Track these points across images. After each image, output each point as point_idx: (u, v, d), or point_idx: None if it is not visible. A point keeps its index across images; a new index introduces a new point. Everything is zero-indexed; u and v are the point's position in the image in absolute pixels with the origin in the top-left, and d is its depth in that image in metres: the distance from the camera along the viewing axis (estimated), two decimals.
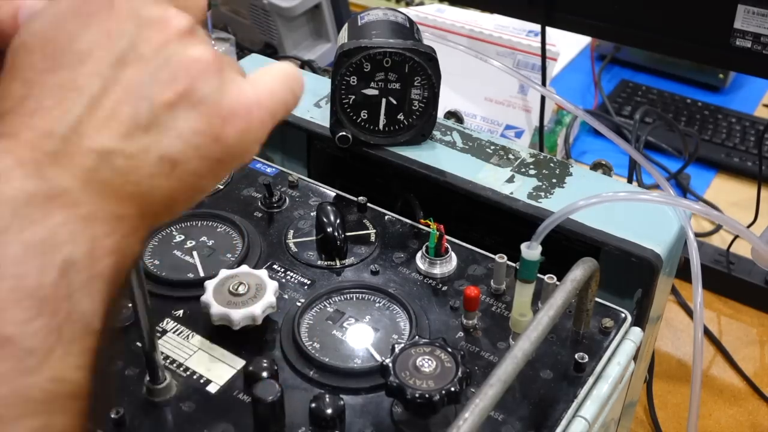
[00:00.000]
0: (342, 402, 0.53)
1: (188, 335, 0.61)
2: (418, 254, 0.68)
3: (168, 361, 0.58)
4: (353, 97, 0.75)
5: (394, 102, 0.75)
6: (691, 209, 0.62)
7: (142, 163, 0.32)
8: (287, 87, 0.38)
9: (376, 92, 0.74)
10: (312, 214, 0.72)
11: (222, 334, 0.60)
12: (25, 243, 0.29)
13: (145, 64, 0.33)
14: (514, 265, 0.63)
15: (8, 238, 0.29)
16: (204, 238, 0.69)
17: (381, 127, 0.76)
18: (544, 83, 1.08)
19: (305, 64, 1.41)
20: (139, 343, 0.54)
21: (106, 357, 0.32)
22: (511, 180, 0.73)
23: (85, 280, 0.30)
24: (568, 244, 0.68)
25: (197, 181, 0.34)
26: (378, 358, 0.58)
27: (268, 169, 0.79)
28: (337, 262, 0.68)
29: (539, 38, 1.04)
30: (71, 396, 0.30)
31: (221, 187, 0.76)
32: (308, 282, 0.66)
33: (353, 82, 0.74)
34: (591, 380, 0.58)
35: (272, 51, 1.48)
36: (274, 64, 0.39)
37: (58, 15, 0.34)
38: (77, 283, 0.30)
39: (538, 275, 0.58)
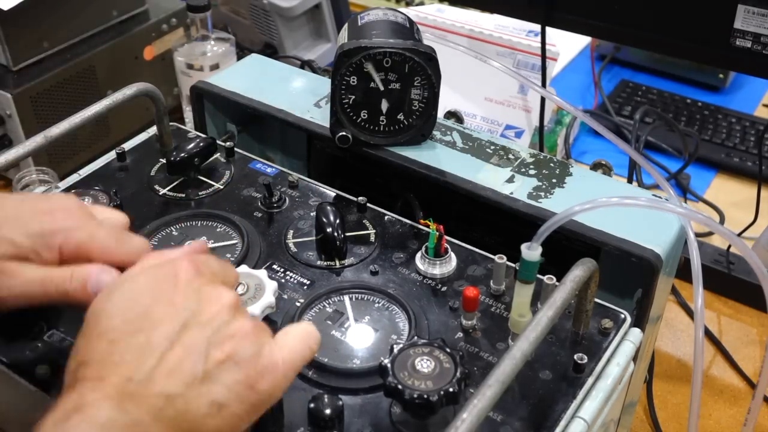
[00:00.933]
0: (341, 402, 0.53)
1: None
2: (418, 254, 0.68)
3: None
4: (353, 97, 0.75)
5: (394, 102, 0.75)
6: (677, 213, 0.62)
7: (198, 405, 0.43)
8: (306, 345, 0.49)
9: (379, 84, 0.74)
10: (312, 214, 0.72)
11: None
12: None
13: (203, 329, 0.45)
14: (513, 265, 0.63)
15: None
16: (204, 238, 0.69)
17: (381, 121, 0.76)
18: (544, 83, 1.08)
19: (305, 64, 1.41)
20: None
21: None
22: (511, 180, 0.73)
23: None
24: (568, 244, 0.68)
25: (237, 422, 0.45)
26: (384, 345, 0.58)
27: (268, 169, 0.79)
28: (337, 263, 0.68)
29: (539, 38, 1.04)
30: None
31: (221, 187, 0.76)
32: (308, 282, 0.66)
33: (353, 82, 0.74)
34: (590, 381, 0.58)
35: (272, 51, 1.48)
36: (296, 325, 0.51)
37: (135, 291, 0.47)
38: None
39: (538, 276, 0.58)
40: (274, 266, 0.67)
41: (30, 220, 0.54)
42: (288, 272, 0.67)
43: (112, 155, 0.80)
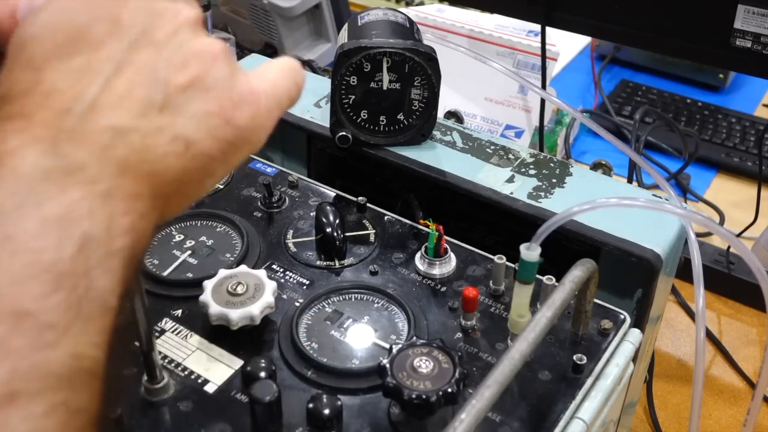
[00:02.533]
0: (339, 402, 0.53)
1: (186, 335, 0.61)
2: (418, 255, 0.68)
3: (166, 360, 0.58)
4: (353, 97, 0.75)
5: (394, 102, 0.75)
6: (677, 214, 0.62)
7: (157, 141, 0.33)
8: (291, 78, 0.40)
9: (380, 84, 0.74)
10: (312, 214, 0.72)
11: (220, 334, 0.60)
12: (42, 218, 0.29)
13: (158, 50, 0.34)
14: (513, 266, 0.63)
15: (25, 213, 0.29)
16: (203, 238, 0.69)
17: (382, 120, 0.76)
18: (544, 83, 1.08)
19: (305, 64, 1.41)
20: (137, 343, 0.54)
21: (115, 341, 0.32)
22: (511, 180, 0.73)
23: (102, 256, 0.30)
24: (568, 244, 0.68)
25: (209, 163, 0.35)
26: (384, 345, 0.58)
27: (268, 169, 0.79)
28: (336, 263, 0.68)
29: (539, 38, 1.03)
30: (90, 373, 0.30)
31: (221, 186, 0.76)
32: (307, 282, 0.66)
33: (353, 82, 0.74)
34: (589, 382, 0.58)
35: (272, 51, 1.48)
36: (278, 58, 0.41)
37: (67, 7, 0.34)
38: (95, 260, 0.30)
39: (537, 276, 0.58)
40: (274, 266, 0.67)
41: None
42: (287, 272, 0.67)
43: None
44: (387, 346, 0.58)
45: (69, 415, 0.29)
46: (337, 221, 0.69)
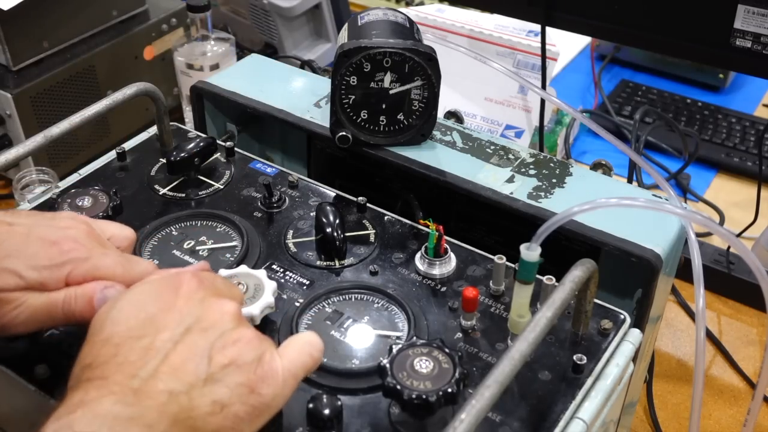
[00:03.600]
0: (339, 402, 0.53)
1: None
2: (418, 255, 0.68)
3: None
4: (353, 97, 0.75)
5: (394, 102, 0.75)
6: (677, 214, 0.62)
7: (201, 403, 0.44)
8: (307, 354, 0.51)
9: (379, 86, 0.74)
10: (312, 214, 0.72)
11: None
12: None
13: (206, 335, 0.47)
14: (513, 266, 0.63)
15: None
16: (203, 238, 0.69)
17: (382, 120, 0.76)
18: (544, 83, 1.08)
19: (305, 64, 1.41)
20: None
21: None
22: (511, 180, 0.73)
23: None
24: (568, 244, 0.68)
25: (238, 423, 0.46)
26: (387, 333, 0.58)
27: (268, 169, 0.79)
28: (336, 263, 0.68)
29: (539, 38, 1.04)
30: None
31: (221, 186, 0.76)
32: (307, 282, 0.66)
33: (353, 82, 0.74)
34: (589, 382, 0.58)
35: (272, 51, 1.48)
36: (300, 335, 0.52)
37: (139, 299, 0.49)
38: None
39: (537, 276, 0.58)
40: (274, 266, 0.67)
41: (37, 253, 0.54)
42: (287, 272, 0.67)
43: (112, 155, 0.80)
44: (390, 334, 0.58)
45: None
46: (337, 221, 0.69)
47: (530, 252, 0.56)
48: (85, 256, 0.55)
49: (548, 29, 1.01)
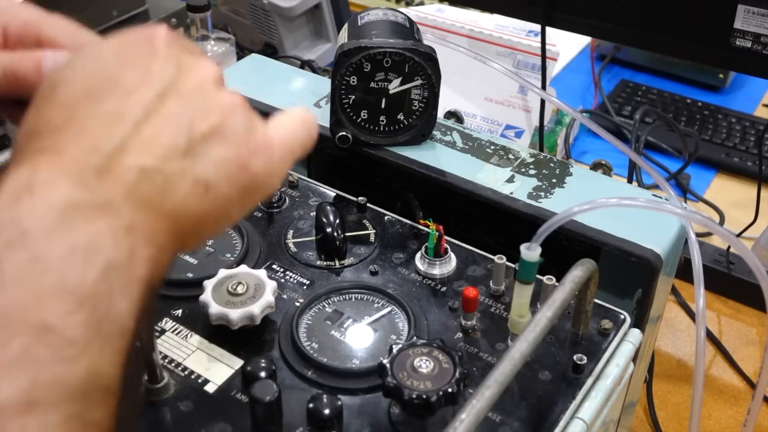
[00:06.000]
0: (339, 402, 0.53)
1: (187, 335, 0.61)
2: (418, 255, 0.68)
3: (166, 360, 0.58)
4: (353, 97, 0.75)
5: (394, 102, 0.75)
6: (677, 214, 0.62)
7: (179, 183, 0.35)
8: (305, 129, 0.43)
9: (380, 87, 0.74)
10: (312, 214, 0.72)
11: (220, 334, 0.60)
12: (69, 244, 0.32)
13: (184, 100, 0.37)
14: (513, 266, 0.63)
15: (54, 239, 0.31)
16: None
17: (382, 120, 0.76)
18: (544, 83, 1.08)
19: (305, 64, 1.41)
20: (137, 343, 0.54)
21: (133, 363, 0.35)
22: (511, 180, 0.73)
23: (123, 283, 0.33)
24: (568, 244, 0.68)
25: (225, 207, 0.37)
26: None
27: None
28: (337, 263, 0.68)
29: (539, 38, 1.04)
30: (106, 389, 0.32)
31: None
32: (307, 282, 0.66)
33: (353, 82, 0.74)
34: (589, 382, 0.58)
35: (272, 51, 1.48)
36: (293, 108, 0.44)
37: (101, 57, 0.38)
38: (116, 285, 0.32)
39: (537, 276, 0.58)
40: (274, 266, 0.67)
41: None
42: (288, 272, 0.67)
43: None
44: (387, 346, 0.58)
45: (83, 428, 0.30)
46: (337, 221, 0.69)
47: (530, 252, 0.56)
48: (25, 11, 0.45)
49: (548, 29, 1.01)
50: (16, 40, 0.44)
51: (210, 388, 0.56)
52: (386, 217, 0.73)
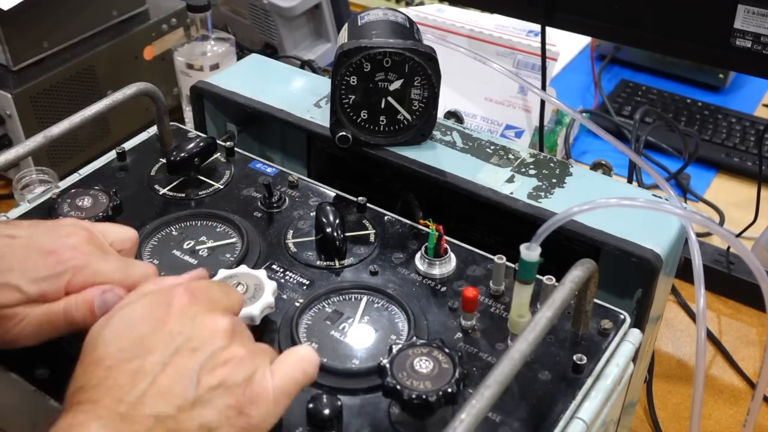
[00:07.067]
0: (339, 402, 0.53)
1: None
2: (418, 255, 0.68)
3: None
4: (353, 97, 0.75)
5: (394, 102, 0.75)
6: (676, 214, 0.62)
7: (188, 427, 0.44)
8: (300, 370, 0.50)
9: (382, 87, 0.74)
10: (312, 214, 0.72)
11: None
12: None
13: (194, 355, 0.47)
14: (513, 266, 0.63)
15: None
16: (203, 238, 0.69)
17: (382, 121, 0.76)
18: (544, 83, 1.08)
19: (305, 64, 1.41)
20: None
21: None
22: (511, 180, 0.73)
23: None
24: (568, 244, 0.68)
25: None
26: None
27: (268, 169, 0.79)
28: (336, 263, 0.68)
29: (539, 38, 1.04)
30: None
31: (221, 187, 0.76)
32: (307, 282, 0.66)
33: (353, 82, 0.74)
34: (589, 382, 0.58)
35: (272, 51, 1.48)
36: (294, 350, 0.52)
37: (130, 318, 0.48)
38: None
39: (537, 276, 0.58)
40: (274, 266, 0.67)
41: (36, 264, 0.54)
42: (287, 272, 0.67)
43: (112, 155, 0.80)
44: (387, 346, 0.58)
45: None
46: (337, 221, 0.69)
47: (530, 252, 0.56)
48: (83, 263, 0.55)
49: (548, 29, 1.01)
50: (75, 290, 0.55)
51: None
52: (386, 217, 0.73)
